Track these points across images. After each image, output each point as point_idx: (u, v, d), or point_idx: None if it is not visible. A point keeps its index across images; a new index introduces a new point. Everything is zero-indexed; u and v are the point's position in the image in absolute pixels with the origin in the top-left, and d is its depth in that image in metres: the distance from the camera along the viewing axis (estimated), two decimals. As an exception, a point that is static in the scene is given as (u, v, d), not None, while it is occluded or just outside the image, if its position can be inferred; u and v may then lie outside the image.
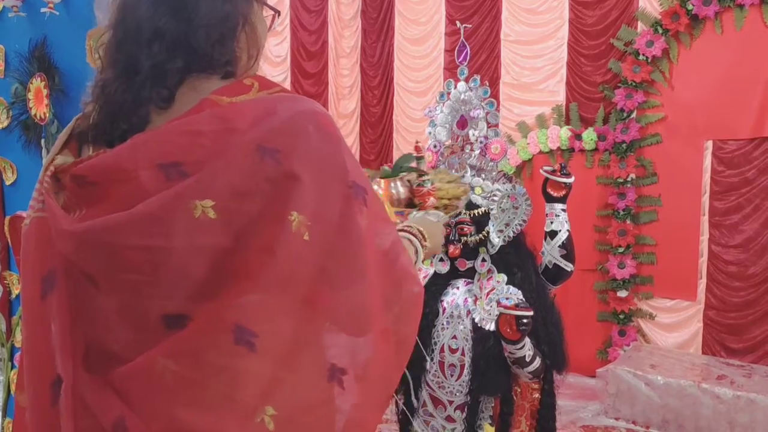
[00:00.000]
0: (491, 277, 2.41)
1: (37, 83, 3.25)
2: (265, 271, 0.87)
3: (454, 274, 2.53)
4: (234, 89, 0.96)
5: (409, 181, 1.81)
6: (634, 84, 5.68)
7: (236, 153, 0.87)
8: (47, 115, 3.23)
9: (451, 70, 6.60)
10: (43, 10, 3.10)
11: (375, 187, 1.76)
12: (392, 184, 1.79)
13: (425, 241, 1.31)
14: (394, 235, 1.05)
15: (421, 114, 6.84)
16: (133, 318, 0.88)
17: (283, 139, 0.89)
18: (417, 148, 1.84)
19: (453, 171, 2.49)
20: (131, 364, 0.87)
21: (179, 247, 0.86)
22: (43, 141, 3.32)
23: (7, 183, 3.61)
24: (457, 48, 2.61)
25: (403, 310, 1.04)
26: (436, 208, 1.77)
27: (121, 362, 0.88)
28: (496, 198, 2.44)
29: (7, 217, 3.59)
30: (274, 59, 7.49)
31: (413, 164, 1.83)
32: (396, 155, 7.24)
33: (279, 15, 1.12)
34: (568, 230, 2.42)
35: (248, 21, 1.01)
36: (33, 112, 3.29)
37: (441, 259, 2.54)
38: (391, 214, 1.68)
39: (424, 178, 1.78)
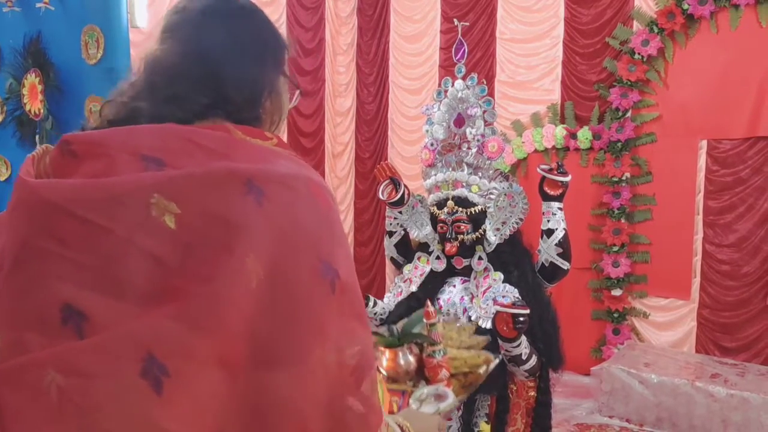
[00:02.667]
0: (488, 275, 2.42)
1: (32, 79, 3.24)
2: (197, 301, 0.77)
3: (450, 272, 2.53)
4: (254, 132, 0.95)
5: (419, 347, 1.65)
6: (629, 83, 5.69)
7: (224, 175, 0.83)
8: (42, 110, 3.22)
9: (446, 68, 6.59)
10: (38, 5, 3.09)
11: (378, 355, 1.60)
12: (400, 354, 1.61)
13: None
14: (365, 346, 0.92)
15: (415, 112, 6.84)
16: (29, 301, 0.78)
17: (273, 187, 0.85)
18: (427, 314, 1.65)
19: (450, 169, 2.49)
20: (14, 363, 0.75)
21: (120, 236, 0.78)
22: (37, 137, 3.32)
23: (1, 179, 3.59)
24: (454, 46, 2.61)
25: None
26: (453, 375, 1.62)
27: None
28: (492, 196, 2.44)
29: (0, 214, 3.58)
30: (270, 56, 7.45)
31: (423, 331, 1.66)
32: (391, 153, 7.23)
33: (302, 93, 1.13)
34: (564, 229, 2.42)
35: (274, 89, 1.03)
36: (27, 107, 3.28)
37: (437, 257, 2.54)
38: (383, 397, 1.46)
39: (435, 347, 1.61)
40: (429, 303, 1.71)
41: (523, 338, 2.21)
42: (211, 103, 0.95)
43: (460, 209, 2.44)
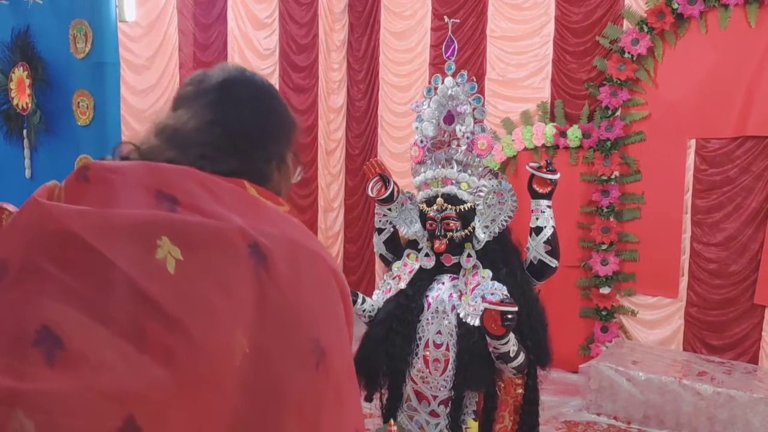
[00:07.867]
0: (476, 272, 2.42)
1: (20, 73, 3.22)
2: (183, 371, 0.76)
3: (439, 269, 2.54)
4: (268, 195, 0.98)
5: None
6: (619, 82, 5.71)
7: (232, 234, 0.84)
8: (30, 105, 3.20)
9: (436, 66, 6.58)
10: (26, -2, 3.07)
11: None
12: None
13: None
14: (349, 428, 0.91)
15: (404, 109, 6.82)
16: (11, 318, 0.75)
17: (277, 257, 0.85)
18: None
19: (439, 166, 2.49)
20: None
21: (119, 269, 0.77)
22: (25, 131, 3.29)
23: (-12, 173, 3.57)
24: (444, 43, 2.61)
25: None
26: None
27: None
28: (482, 194, 2.44)
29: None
30: (263, 52, 7.41)
31: None
32: (381, 151, 7.22)
33: (303, 170, 1.17)
34: (553, 226, 2.43)
35: (284, 162, 1.07)
36: (15, 102, 3.26)
37: (426, 254, 2.54)
38: None
39: None
40: (392, 422, 1.80)
41: (511, 335, 2.21)
42: (239, 169, 0.97)
43: (450, 206, 2.44)
